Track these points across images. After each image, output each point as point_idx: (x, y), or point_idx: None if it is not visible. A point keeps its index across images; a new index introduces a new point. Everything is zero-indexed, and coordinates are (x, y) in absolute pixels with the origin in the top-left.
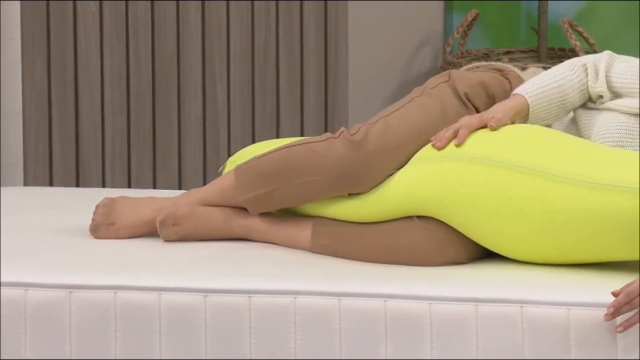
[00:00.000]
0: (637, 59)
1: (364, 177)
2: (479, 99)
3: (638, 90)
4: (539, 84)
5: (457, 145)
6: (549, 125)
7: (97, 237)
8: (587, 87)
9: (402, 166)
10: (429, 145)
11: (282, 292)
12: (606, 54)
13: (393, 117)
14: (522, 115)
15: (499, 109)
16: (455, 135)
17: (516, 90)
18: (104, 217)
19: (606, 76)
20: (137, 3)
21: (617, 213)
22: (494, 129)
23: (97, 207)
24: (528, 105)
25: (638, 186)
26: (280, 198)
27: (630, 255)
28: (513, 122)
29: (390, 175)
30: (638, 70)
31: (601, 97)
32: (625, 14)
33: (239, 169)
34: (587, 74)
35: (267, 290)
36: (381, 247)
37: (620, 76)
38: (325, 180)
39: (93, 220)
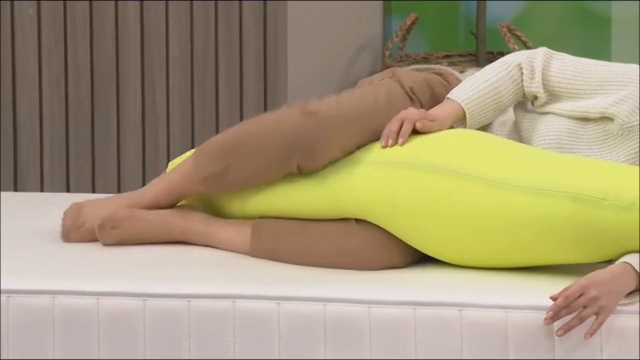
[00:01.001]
0: (575, 58)
1: (315, 145)
2: (424, 95)
3: (578, 91)
4: (474, 87)
5: (402, 144)
6: (489, 129)
7: (69, 242)
8: (521, 88)
9: (351, 150)
10: (376, 147)
11: (221, 296)
12: (542, 51)
13: (343, 97)
14: (459, 120)
15: (439, 113)
16: (400, 126)
17: (451, 94)
18: (72, 221)
19: (543, 76)
20: (76, 6)
21: (553, 217)
22: (421, 129)
23: (65, 213)
24: (464, 111)
25: (574, 190)
26: (234, 175)
27: (567, 258)
28: (450, 127)
29: (344, 148)
30: (577, 70)
31: (536, 97)
32: (563, 17)
33: (197, 149)
34: (521, 73)
35: (206, 295)
36: (320, 251)
37: (559, 76)
38: (279, 148)
39: (62, 226)
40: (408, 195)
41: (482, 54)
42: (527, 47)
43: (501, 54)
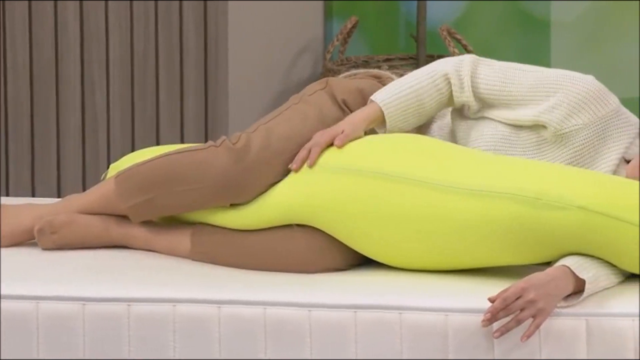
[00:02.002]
0: (504, 64)
1: (245, 187)
2: (356, 105)
3: (508, 98)
4: (396, 91)
5: (310, 166)
6: (428, 133)
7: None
8: (447, 98)
9: (284, 175)
10: None
11: (161, 300)
12: (468, 59)
13: (272, 124)
14: (377, 123)
15: (348, 122)
16: (308, 155)
17: (373, 96)
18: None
19: (472, 84)
20: (14, 8)
21: (491, 219)
22: (339, 147)
23: None
24: (383, 113)
25: (511, 191)
26: (160, 206)
27: (507, 260)
28: (366, 133)
29: (272, 184)
30: (507, 77)
31: (467, 106)
32: (503, 20)
33: (119, 176)
34: (449, 85)
35: (146, 299)
36: (261, 254)
37: (488, 84)
38: (207, 189)
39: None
40: (348, 199)
41: (422, 57)
42: (468, 51)
43: (441, 57)
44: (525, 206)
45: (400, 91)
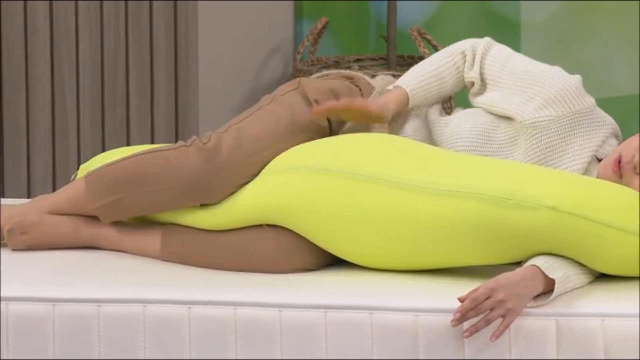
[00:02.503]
0: (512, 51)
1: (216, 187)
2: None
3: (500, 80)
4: (419, 73)
5: (329, 111)
6: (402, 134)
7: None
8: (463, 75)
9: (255, 175)
10: (280, 156)
11: (131, 301)
12: (487, 39)
13: (244, 125)
14: (403, 105)
15: (381, 101)
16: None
17: (397, 82)
18: None
19: (481, 63)
20: None
21: (461, 219)
22: (374, 113)
23: None
24: (408, 96)
25: (479, 191)
26: (130, 207)
27: (478, 260)
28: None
29: (243, 184)
30: (509, 61)
31: (473, 84)
32: (473, 21)
33: (89, 176)
34: (464, 61)
35: (116, 299)
36: (231, 254)
37: (491, 64)
38: (177, 190)
39: None
40: (318, 199)
41: (392, 57)
42: (437, 51)
43: (412, 58)
44: (495, 206)
45: (422, 71)
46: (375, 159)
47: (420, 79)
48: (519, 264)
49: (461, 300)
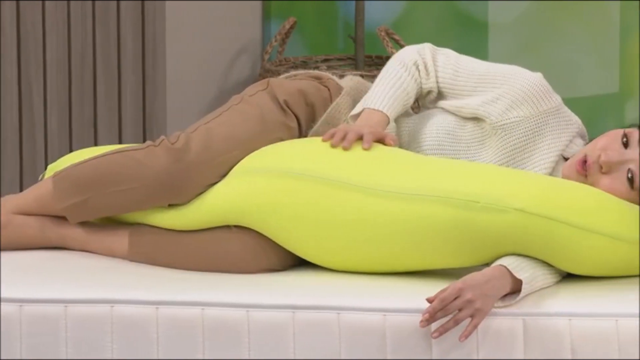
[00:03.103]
0: (457, 55)
1: (184, 187)
2: (298, 106)
3: (458, 88)
4: (385, 91)
5: (346, 149)
6: None
7: None
8: (420, 86)
9: (224, 175)
10: (248, 157)
11: (98, 301)
12: (428, 46)
13: (213, 124)
14: (386, 127)
15: (367, 126)
16: (343, 137)
17: (368, 105)
18: None
19: (435, 72)
20: None
21: (428, 222)
22: (367, 148)
23: None
24: (388, 118)
25: (447, 194)
26: (98, 207)
27: (447, 263)
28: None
29: (211, 184)
30: (460, 67)
31: (429, 92)
32: (441, 21)
33: (56, 176)
34: (419, 72)
35: (84, 300)
36: (198, 254)
37: (443, 71)
38: (145, 190)
39: None
40: (284, 202)
41: (360, 57)
42: None
43: (380, 58)
44: (463, 210)
45: (391, 92)
46: (344, 163)
47: (390, 98)
48: (488, 264)
49: (429, 301)
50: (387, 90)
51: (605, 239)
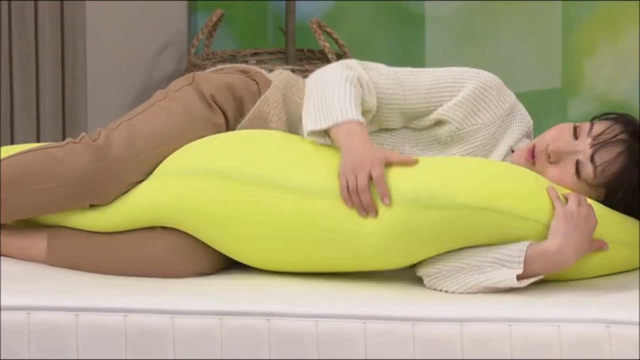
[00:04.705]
0: (388, 67)
1: (106, 186)
2: (225, 101)
3: (406, 101)
4: (351, 102)
5: (387, 202)
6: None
7: None
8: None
9: (148, 174)
10: (174, 155)
11: (15, 308)
12: (353, 62)
13: (136, 121)
14: None
15: (370, 155)
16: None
17: (341, 120)
18: None
19: (375, 89)
20: None
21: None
22: (409, 164)
23: None
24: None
25: (392, 193)
26: (15, 208)
27: (385, 264)
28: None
29: (135, 183)
30: (399, 79)
31: (366, 114)
32: (376, 14)
33: None
34: (362, 88)
35: None
36: (122, 258)
37: (384, 87)
38: (65, 189)
39: None
40: (214, 202)
41: (291, 51)
42: (339, 45)
43: (311, 52)
44: (406, 207)
45: (354, 102)
46: (274, 161)
47: (356, 107)
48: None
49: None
50: (351, 101)
51: (543, 226)
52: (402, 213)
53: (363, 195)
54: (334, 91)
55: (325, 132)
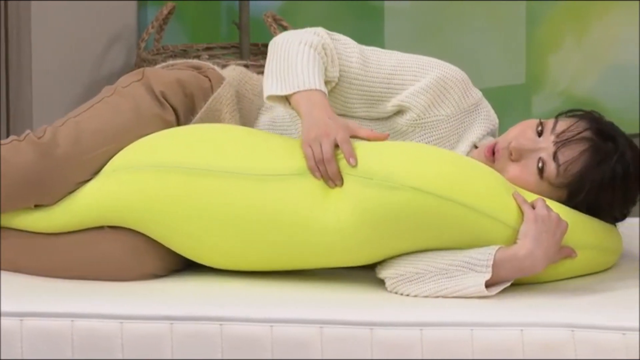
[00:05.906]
0: (355, 43)
1: (52, 185)
2: (176, 97)
3: (367, 80)
4: (311, 69)
5: (354, 164)
6: (256, 126)
7: None
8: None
9: (96, 172)
10: (123, 151)
11: None
12: (321, 31)
13: (83, 118)
14: None
15: (336, 124)
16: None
17: (304, 87)
18: None
19: (339, 61)
20: None
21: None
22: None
23: None
24: (326, 94)
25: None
26: None
27: (343, 260)
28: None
29: (82, 182)
30: (365, 56)
31: (327, 84)
32: (333, 6)
33: None
34: (326, 57)
35: None
36: (70, 260)
37: (347, 61)
38: (8, 188)
39: None
40: (166, 199)
41: (245, 45)
42: None
43: (266, 46)
44: (360, 187)
45: (317, 69)
46: (223, 151)
47: (319, 76)
48: (374, 266)
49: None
50: (310, 67)
51: (500, 225)
52: (359, 193)
53: (329, 165)
54: (297, 57)
55: (286, 98)
